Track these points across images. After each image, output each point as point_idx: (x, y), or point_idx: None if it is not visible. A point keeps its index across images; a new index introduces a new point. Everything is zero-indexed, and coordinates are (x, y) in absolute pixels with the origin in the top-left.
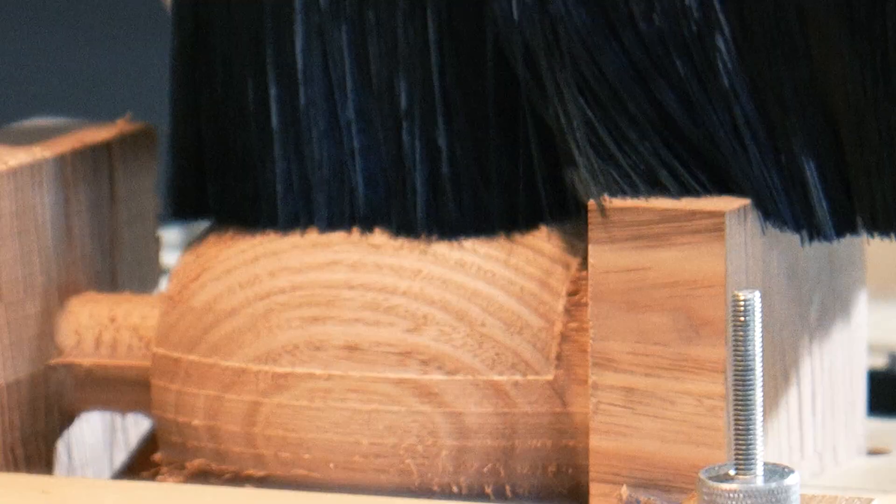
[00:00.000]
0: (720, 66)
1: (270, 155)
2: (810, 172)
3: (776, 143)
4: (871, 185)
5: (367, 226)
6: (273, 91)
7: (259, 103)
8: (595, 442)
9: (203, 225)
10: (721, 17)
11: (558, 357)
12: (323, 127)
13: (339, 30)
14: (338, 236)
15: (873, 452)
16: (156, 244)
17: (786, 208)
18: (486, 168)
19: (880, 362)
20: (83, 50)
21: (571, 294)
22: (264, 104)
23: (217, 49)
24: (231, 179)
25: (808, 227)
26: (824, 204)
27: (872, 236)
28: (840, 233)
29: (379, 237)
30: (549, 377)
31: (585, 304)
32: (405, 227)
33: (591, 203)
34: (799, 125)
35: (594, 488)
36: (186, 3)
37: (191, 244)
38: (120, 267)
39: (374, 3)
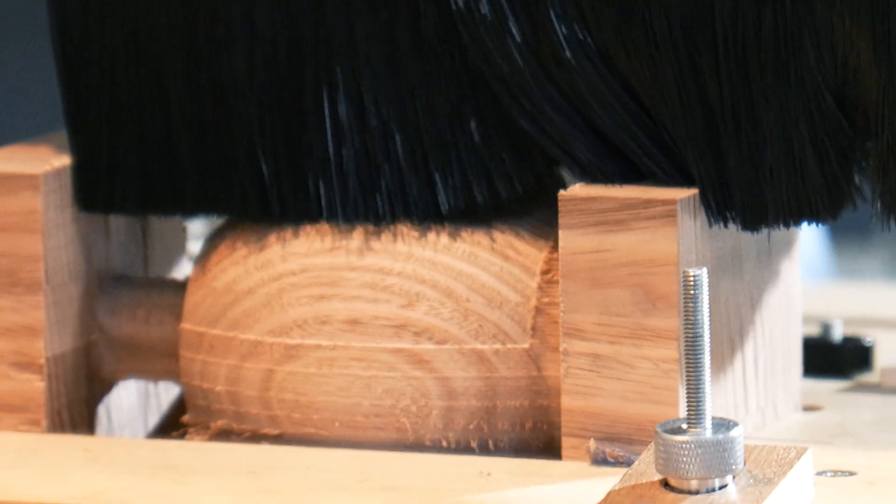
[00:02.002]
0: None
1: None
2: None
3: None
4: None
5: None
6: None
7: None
8: (566, 401)
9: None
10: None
11: (533, 328)
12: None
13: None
14: (340, 225)
15: (808, 409)
16: (182, 234)
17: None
18: (470, 163)
19: (814, 330)
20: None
21: (544, 273)
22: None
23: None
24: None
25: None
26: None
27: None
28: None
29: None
30: (526, 345)
31: (556, 282)
32: (404, 215)
33: (561, 193)
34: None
35: (566, 442)
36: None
37: (212, 233)
38: (151, 254)
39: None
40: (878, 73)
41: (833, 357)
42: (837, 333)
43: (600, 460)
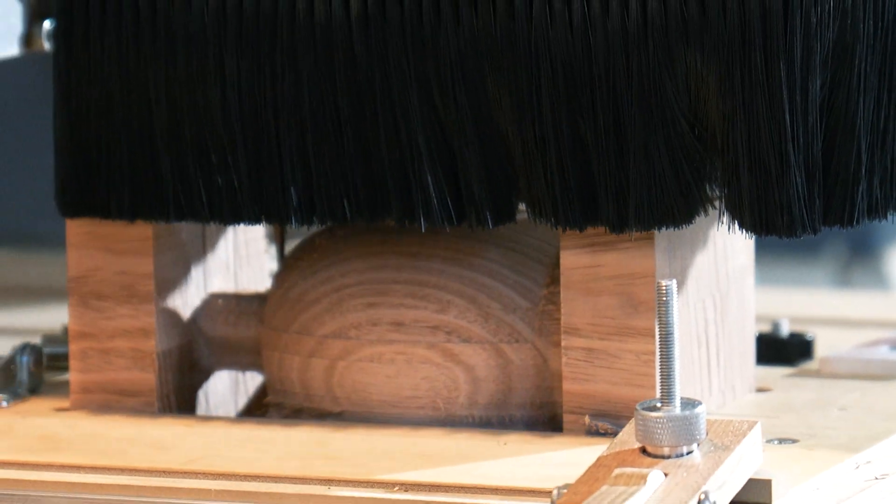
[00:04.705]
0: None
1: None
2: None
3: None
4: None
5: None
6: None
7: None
8: (566, 385)
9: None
10: None
11: (540, 328)
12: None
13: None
14: (388, 248)
15: (760, 390)
16: (265, 255)
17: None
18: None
19: (765, 328)
20: None
21: (548, 284)
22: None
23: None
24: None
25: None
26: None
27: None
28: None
29: (415, 248)
30: (535, 342)
31: (558, 291)
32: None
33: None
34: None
35: (566, 418)
36: None
37: (287, 256)
38: (239, 271)
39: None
40: (722, 103)
41: (781, 349)
42: (785, 330)
43: (593, 432)
